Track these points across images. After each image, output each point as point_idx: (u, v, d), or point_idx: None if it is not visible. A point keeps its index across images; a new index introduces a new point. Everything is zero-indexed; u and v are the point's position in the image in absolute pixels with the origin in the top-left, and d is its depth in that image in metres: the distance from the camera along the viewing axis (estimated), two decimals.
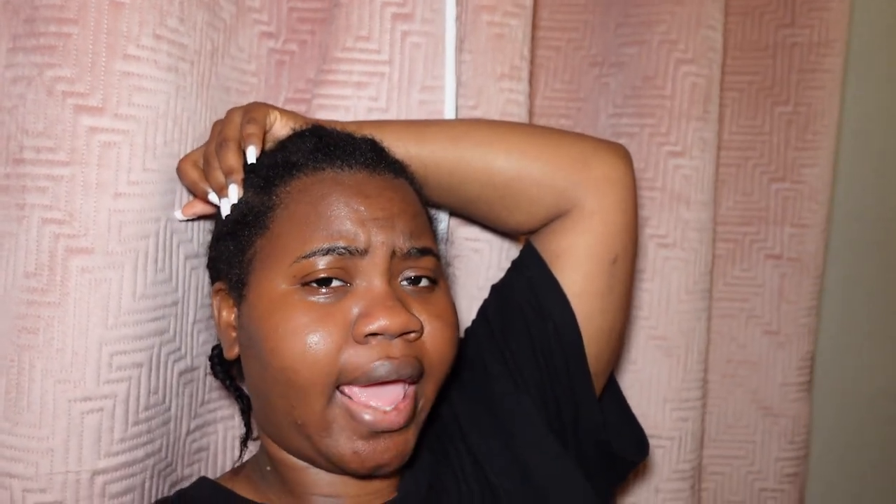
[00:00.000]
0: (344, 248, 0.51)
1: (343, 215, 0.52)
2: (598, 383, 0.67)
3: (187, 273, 0.66)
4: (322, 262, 0.51)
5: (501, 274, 0.72)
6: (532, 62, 0.86)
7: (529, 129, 0.71)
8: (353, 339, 0.51)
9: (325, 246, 0.51)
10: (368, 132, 0.62)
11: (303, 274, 0.52)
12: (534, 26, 0.85)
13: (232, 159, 0.57)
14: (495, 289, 0.70)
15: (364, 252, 0.52)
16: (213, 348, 0.65)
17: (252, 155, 0.57)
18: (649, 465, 0.89)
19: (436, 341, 0.54)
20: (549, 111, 0.91)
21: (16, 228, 0.57)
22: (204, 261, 0.65)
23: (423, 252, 0.54)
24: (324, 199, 0.53)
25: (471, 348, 0.67)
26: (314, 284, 0.52)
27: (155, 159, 0.62)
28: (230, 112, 0.62)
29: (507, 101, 0.77)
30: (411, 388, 0.53)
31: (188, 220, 0.65)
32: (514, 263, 0.70)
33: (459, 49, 0.76)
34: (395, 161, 0.59)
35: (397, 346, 0.51)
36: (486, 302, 0.70)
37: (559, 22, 0.91)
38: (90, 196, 0.58)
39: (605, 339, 0.66)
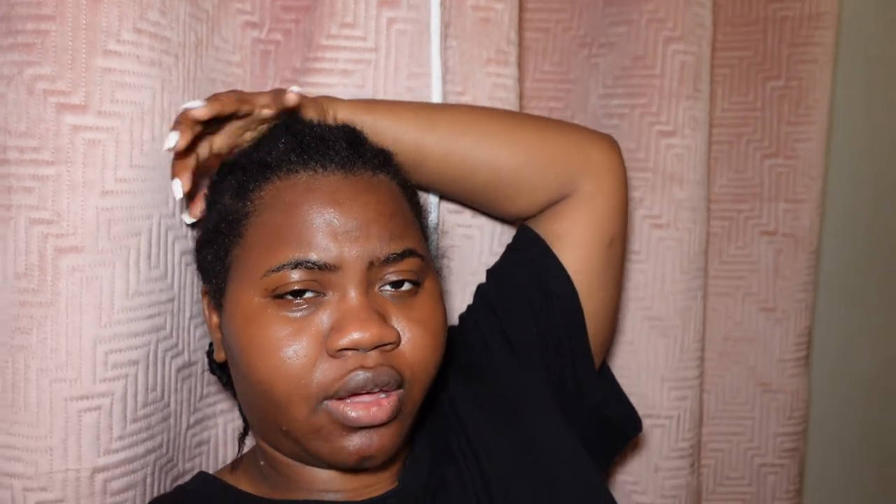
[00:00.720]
0: (313, 264, 0.50)
1: (315, 227, 0.51)
2: (596, 362, 0.69)
3: (183, 269, 0.66)
4: (293, 275, 0.50)
5: (494, 259, 0.73)
6: (520, 44, 0.86)
7: (531, 119, 0.74)
8: (326, 353, 0.50)
9: (294, 260, 0.50)
10: (378, 115, 0.62)
11: (274, 287, 0.50)
12: (521, 8, 0.84)
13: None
14: (493, 272, 0.71)
15: (336, 268, 0.50)
16: (211, 344, 0.65)
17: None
18: (648, 444, 0.90)
19: (415, 349, 0.52)
20: (538, 93, 0.90)
21: (3, 229, 0.57)
22: None
23: (404, 254, 0.53)
24: (296, 209, 0.51)
25: (470, 331, 0.68)
26: (288, 296, 0.51)
27: (143, 156, 0.61)
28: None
29: (494, 86, 0.77)
30: (394, 393, 0.52)
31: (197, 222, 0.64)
32: (511, 246, 0.72)
33: (445, 35, 0.75)
34: (375, 154, 0.57)
35: (372, 358, 0.50)
36: (483, 285, 0.71)
37: (547, 3, 0.89)
38: (77, 195, 0.58)
39: (602, 318, 0.69)
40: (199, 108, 0.54)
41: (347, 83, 0.72)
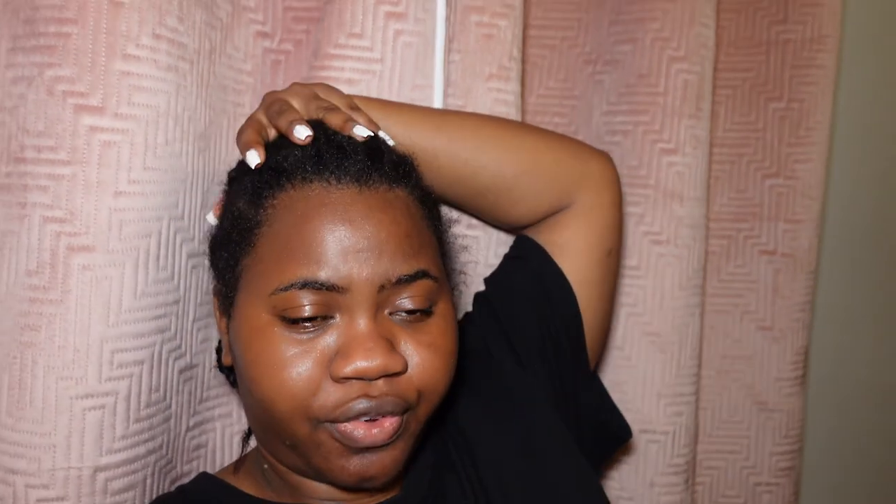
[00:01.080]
0: (321, 284, 0.49)
1: (325, 245, 0.49)
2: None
3: (188, 271, 0.66)
4: (302, 298, 0.49)
5: (489, 270, 0.74)
6: (526, 61, 0.87)
7: (534, 128, 0.75)
8: (330, 378, 0.49)
9: (302, 279, 0.49)
10: (389, 113, 0.62)
11: (283, 307, 0.49)
12: (527, 25, 0.85)
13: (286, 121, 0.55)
14: (493, 280, 0.72)
15: (345, 290, 0.49)
16: (220, 342, 0.66)
17: (363, 131, 0.54)
18: (644, 459, 0.90)
19: (424, 374, 0.51)
20: (543, 109, 0.91)
21: (17, 227, 0.58)
22: (205, 259, 0.66)
23: (416, 276, 0.51)
24: (307, 224, 0.50)
25: (470, 339, 0.68)
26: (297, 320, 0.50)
27: (156, 158, 0.62)
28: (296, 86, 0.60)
29: (495, 101, 0.77)
30: (400, 419, 0.51)
31: None
32: (510, 255, 0.73)
33: (448, 49, 0.76)
34: (394, 166, 0.55)
35: (377, 387, 0.49)
36: (482, 293, 0.72)
37: (553, 20, 0.91)
38: (91, 195, 0.59)
39: (597, 327, 0.71)
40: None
41: (352, 92, 0.73)
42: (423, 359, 0.51)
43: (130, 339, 0.61)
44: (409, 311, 0.51)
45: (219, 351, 0.66)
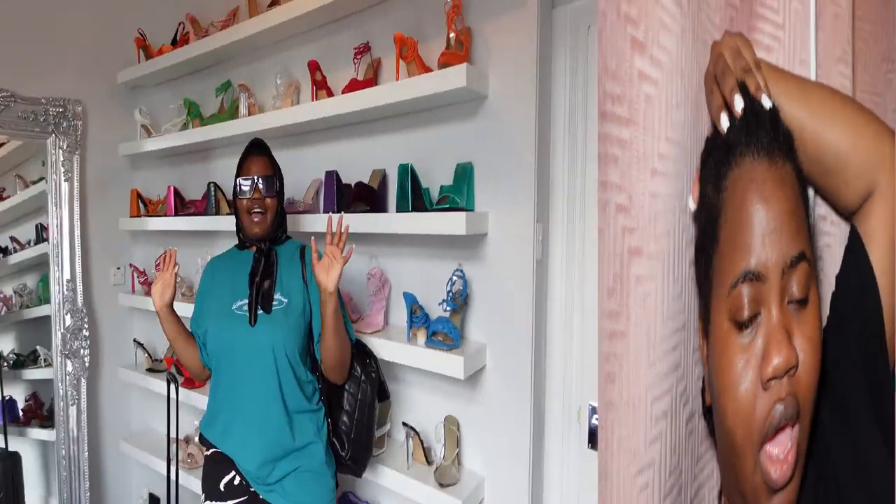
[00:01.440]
0: (753, 274, 0.44)
1: (753, 229, 0.45)
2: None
3: (691, 283, 0.48)
4: (744, 295, 0.44)
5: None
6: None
7: (853, 100, 0.68)
8: (761, 386, 0.44)
9: (744, 272, 0.44)
10: (777, 80, 0.55)
11: (734, 309, 0.44)
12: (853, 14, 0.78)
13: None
14: (836, 278, 0.66)
15: (764, 277, 0.44)
16: (704, 378, 0.51)
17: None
18: None
19: (807, 371, 0.46)
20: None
21: (602, 223, 0.38)
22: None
23: (799, 258, 0.46)
24: (743, 205, 0.45)
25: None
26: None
27: (672, 126, 0.45)
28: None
29: (841, 86, 0.69)
30: (794, 432, 0.45)
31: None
32: (846, 248, 0.66)
33: (816, 26, 0.68)
34: (786, 139, 0.50)
35: (784, 387, 0.45)
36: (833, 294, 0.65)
37: (866, 12, 0.83)
38: (641, 172, 0.40)
39: None
40: None
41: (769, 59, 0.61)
42: (806, 355, 0.47)
43: (660, 381, 0.42)
44: (798, 302, 0.46)
45: (702, 391, 0.50)
